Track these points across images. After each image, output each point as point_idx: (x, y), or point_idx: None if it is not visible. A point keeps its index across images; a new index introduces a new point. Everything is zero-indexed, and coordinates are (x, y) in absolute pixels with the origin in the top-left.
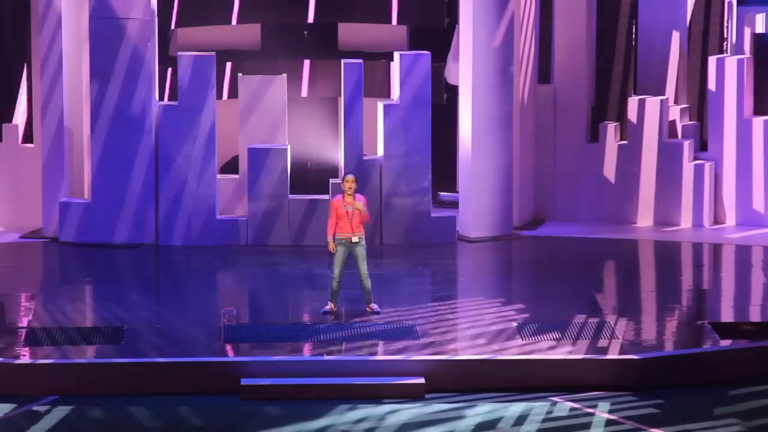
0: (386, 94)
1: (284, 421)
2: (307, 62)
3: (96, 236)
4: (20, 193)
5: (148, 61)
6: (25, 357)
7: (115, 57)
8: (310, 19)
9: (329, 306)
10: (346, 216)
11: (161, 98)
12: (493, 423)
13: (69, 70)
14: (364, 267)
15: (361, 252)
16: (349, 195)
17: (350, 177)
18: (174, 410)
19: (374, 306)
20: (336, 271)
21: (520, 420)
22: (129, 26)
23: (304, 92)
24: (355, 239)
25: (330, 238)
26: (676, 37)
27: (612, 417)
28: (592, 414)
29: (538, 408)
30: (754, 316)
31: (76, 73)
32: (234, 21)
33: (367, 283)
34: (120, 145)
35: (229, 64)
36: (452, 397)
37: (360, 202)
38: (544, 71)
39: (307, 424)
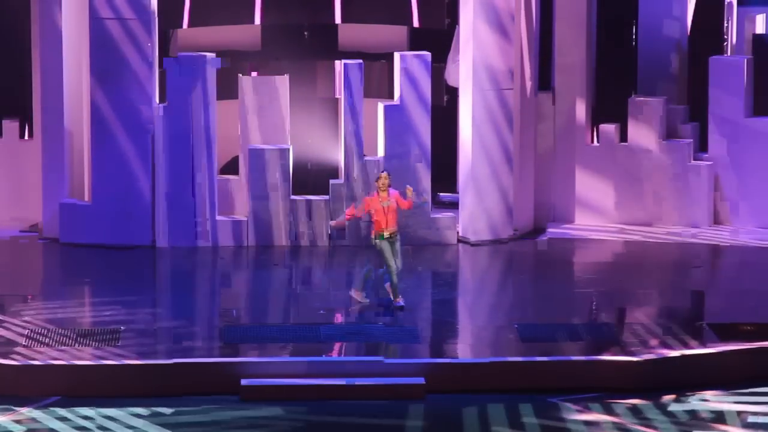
0: (386, 94)
1: (284, 421)
2: (338, 63)
3: (96, 237)
4: (20, 189)
5: (148, 61)
6: (25, 358)
7: (115, 57)
8: (338, 20)
9: (400, 301)
10: (382, 212)
11: (163, 99)
12: (492, 424)
13: (69, 70)
14: (399, 261)
15: (396, 247)
16: (384, 191)
17: (384, 174)
18: (174, 411)
19: (400, 300)
20: (391, 264)
21: (520, 420)
22: (129, 26)
23: (339, 92)
24: (387, 234)
25: (344, 220)
26: (676, 38)
27: (612, 418)
28: (592, 415)
29: (537, 409)
30: (752, 317)
31: (76, 73)
32: (257, 20)
33: (395, 278)
34: (120, 146)
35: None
36: (452, 398)
37: (392, 199)
38: (544, 73)
39: (306, 425)
